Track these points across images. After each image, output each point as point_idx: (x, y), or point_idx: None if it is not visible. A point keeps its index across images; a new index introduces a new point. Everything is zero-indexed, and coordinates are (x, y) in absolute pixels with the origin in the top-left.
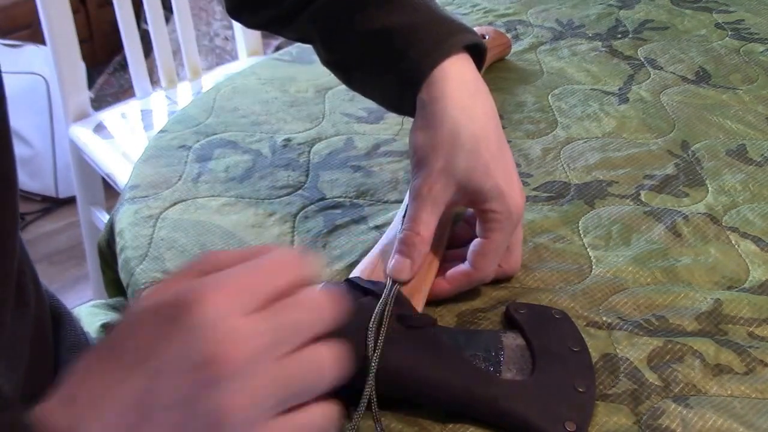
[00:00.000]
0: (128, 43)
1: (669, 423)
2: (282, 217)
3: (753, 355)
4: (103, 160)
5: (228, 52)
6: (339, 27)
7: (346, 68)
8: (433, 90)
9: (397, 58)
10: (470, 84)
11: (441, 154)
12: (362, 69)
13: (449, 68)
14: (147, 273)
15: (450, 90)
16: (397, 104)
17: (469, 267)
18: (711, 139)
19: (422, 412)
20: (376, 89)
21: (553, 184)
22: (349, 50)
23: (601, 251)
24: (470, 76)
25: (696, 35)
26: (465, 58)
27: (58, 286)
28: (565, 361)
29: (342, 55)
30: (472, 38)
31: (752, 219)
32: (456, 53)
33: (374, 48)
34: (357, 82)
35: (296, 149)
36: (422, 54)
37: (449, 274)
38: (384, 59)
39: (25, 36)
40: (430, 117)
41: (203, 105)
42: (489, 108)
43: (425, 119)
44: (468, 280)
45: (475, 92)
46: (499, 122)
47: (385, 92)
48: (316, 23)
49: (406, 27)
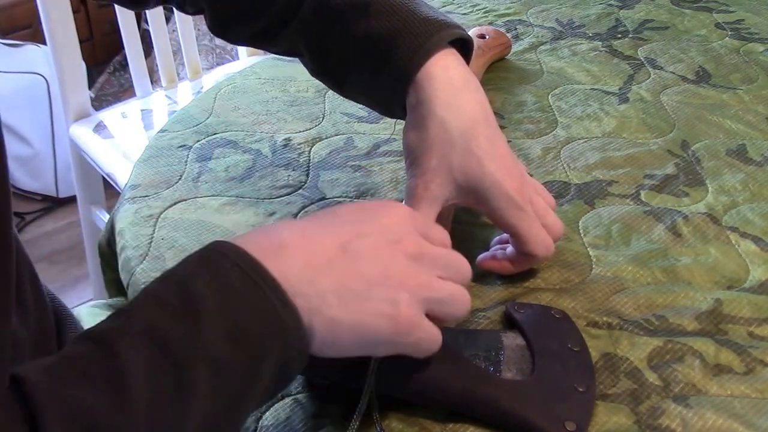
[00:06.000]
0: (128, 43)
1: (669, 423)
2: (282, 216)
3: (753, 355)
4: (103, 159)
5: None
6: (323, 38)
7: (335, 77)
8: (419, 92)
9: (381, 64)
10: (456, 81)
11: (434, 154)
12: (350, 77)
13: (432, 68)
14: (147, 273)
15: (435, 90)
16: (387, 109)
17: (526, 254)
18: (711, 139)
19: (422, 412)
20: (366, 96)
21: (553, 183)
22: (336, 60)
23: (601, 251)
24: (455, 73)
25: (696, 35)
26: (449, 54)
27: (58, 286)
28: (565, 361)
29: (329, 66)
30: (453, 33)
31: (752, 219)
32: (438, 51)
33: (359, 56)
34: (347, 90)
35: (296, 149)
36: (405, 58)
37: (512, 255)
38: (369, 66)
39: (25, 36)
40: (420, 119)
41: (203, 105)
42: (476, 102)
43: (415, 121)
44: (532, 263)
45: (461, 88)
46: (489, 111)
47: (375, 98)
48: (302, 35)
49: (387, 32)
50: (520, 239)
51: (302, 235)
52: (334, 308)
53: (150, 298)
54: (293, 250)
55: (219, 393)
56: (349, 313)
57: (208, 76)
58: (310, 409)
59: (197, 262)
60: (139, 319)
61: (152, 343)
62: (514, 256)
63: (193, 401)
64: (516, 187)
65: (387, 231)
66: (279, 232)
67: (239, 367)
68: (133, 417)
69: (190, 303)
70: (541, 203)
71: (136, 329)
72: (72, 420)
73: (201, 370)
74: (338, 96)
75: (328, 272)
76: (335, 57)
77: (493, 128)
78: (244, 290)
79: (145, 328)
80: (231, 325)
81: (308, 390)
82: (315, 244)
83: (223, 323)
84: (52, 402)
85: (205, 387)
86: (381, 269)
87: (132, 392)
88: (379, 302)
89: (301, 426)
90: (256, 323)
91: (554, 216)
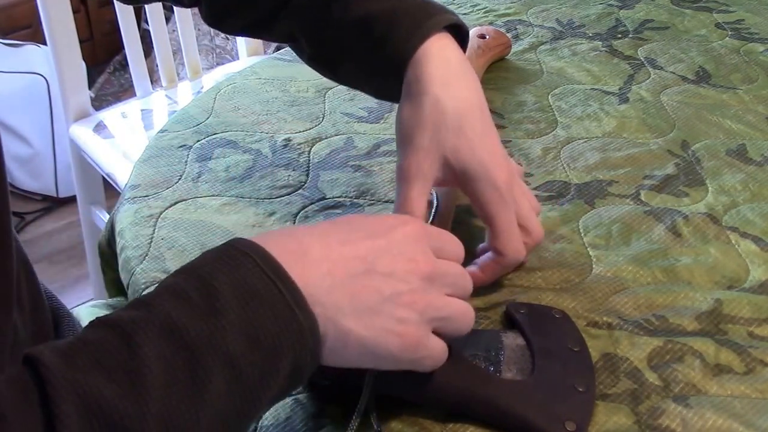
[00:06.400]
0: (128, 43)
1: (669, 423)
2: (282, 216)
3: (753, 355)
4: (103, 159)
5: (228, 52)
6: (320, 20)
7: (331, 62)
8: (417, 70)
9: (379, 44)
10: (453, 62)
11: (426, 132)
12: (347, 60)
13: (431, 47)
14: (147, 273)
15: (433, 68)
16: (385, 91)
17: (495, 255)
18: (711, 139)
19: (422, 412)
20: (364, 79)
21: (553, 183)
22: (333, 43)
23: (601, 251)
24: (453, 55)
25: (696, 35)
26: (446, 38)
27: (58, 286)
28: (565, 361)
29: (326, 49)
30: (451, 18)
31: (752, 219)
32: (436, 33)
33: (356, 37)
34: (344, 74)
35: (296, 149)
36: (404, 38)
37: (481, 262)
38: (367, 47)
39: (25, 36)
40: (415, 96)
41: (203, 105)
42: (473, 85)
43: (410, 98)
44: (500, 267)
45: (459, 70)
46: (484, 99)
47: (372, 80)
48: (297, 20)
49: (385, 13)
50: (494, 231)
51: (325, 245)
52: (348, 320)
53: (170, 291)
54: (315, 258)
55: (234, 391)
56: (361, 326)
57: (208, 76)
58: (310, 409)
59: (219, 259)
60: (159, 311)
61: (171, 337)
62: (484, 262)
63: (207, 397)
64: (504, 178)
65: (404, 248)
66: (301, 238)
67: (255, 366)
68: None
69: (211, 299)
70: (525, 205)
71: (155, 321)
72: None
73: (218, 367)
74: (338, 96)
75: (346, 284)
76: (331, 39)
77: (487, 117)
78: (265, 292)
79: (164, 322)
80: (250, 325)
81: (308, 390)
82: (336, 255)
83: (242, 323)
84: (69, 388)
85: (221, 384)
86: (394, 287)
87: (148, 385)
88: (389, 319)
89: (301, 426)
90: (274, 325)
91: (536, 221)
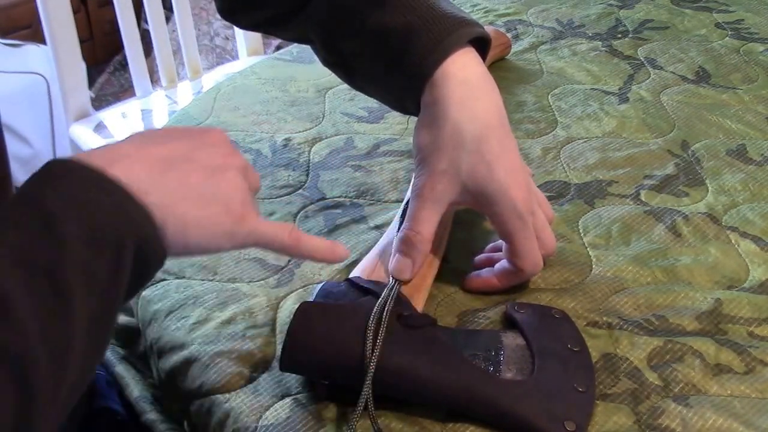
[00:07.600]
0: (128, 43)
1: (669, 422)
2: (282, 216)
3: (753, 355)
4: None
5: (228, 52)
6: (337, 28)
7: (346, 69)
8: (435, 91)
9: (396, 60)
10: (472, 81)
11: (444, 155)
12: (362, 70)
13: (450, 67)
14: None
15: (451, 90)
16: (399, 105)
17: (514, 268)
18: (711, 138)
19: (422, 412)
20: (378, 91)
21: (553, 183)
22: (349, 51)
23: (601, 251)
24: (472, 72)
25: (696, 35)
26: (467, 53)
27: None
28: (565, 361)
29: (342, 57)
30: (472, 32)
31: (752, 219)
32: (457, 49)
33: (373, 50)
34: (358, 83)
35: (296, 149)
36: (422, 55)
37: (498, 272)
38: (383, 61)
39: (25, 36)
40: (433, 118)
41: (203, 104)
42: (492, 104)
43: (428, 120)
44: (518, 279)
45: (477, 90)
46: (504, 115)
47: (387, 94)
48: (314, 25)
49: (403, 27)
50: (513, 250)
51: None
52: (183, 204)
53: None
54: (136, 157)
55: (94, 293)
56: (196, 208)
57: (208, 76)
58: (310, 409)
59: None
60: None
61: (22, 264)
62: (501, 272)
63: (75, 305)
64: (523, 197)
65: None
66: (119, 146)
67: (103, 264)
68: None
69: (46, 217)
70: (541, 217)
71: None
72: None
73: (74, 278)
74: (338, 96)
75: (172, 174)
76: (348, 49)
77: (506, 132)
78: (93, 195)
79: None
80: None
81: (308, 390)
82: (156, 153)
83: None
84: None
85: (81, 290)
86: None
87: (17, 312)
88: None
89: (301, 426)
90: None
91: (550, 232)
